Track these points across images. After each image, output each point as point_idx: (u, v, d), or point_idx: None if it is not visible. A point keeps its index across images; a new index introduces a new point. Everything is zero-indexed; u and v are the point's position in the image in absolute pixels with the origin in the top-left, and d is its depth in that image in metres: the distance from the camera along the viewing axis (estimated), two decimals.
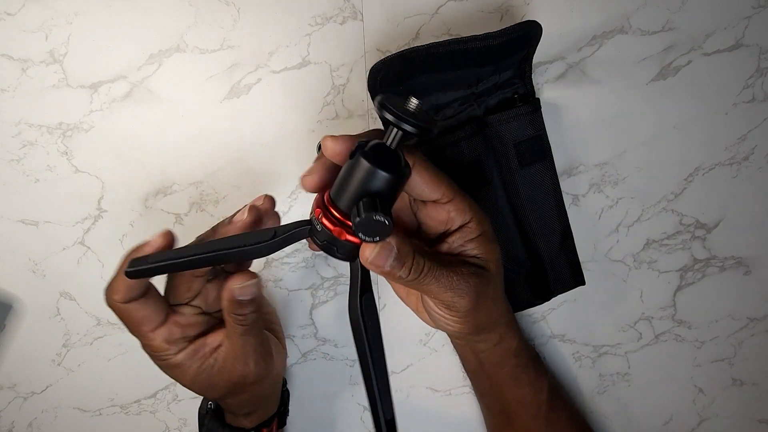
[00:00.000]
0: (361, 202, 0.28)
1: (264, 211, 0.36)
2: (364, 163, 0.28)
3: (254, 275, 0.34)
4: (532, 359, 0.43)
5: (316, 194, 0.32)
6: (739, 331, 0.49)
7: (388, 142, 0.29)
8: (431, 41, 0.38)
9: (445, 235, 0.34)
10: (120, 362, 0.50)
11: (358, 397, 0.51)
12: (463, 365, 0.48)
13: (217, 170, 0.46)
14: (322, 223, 0.30)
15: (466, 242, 0.34)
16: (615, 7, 0.44)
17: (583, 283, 0.46)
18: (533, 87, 0.43)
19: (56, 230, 0.47)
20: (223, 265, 0.38)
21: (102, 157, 0.46)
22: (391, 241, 0.30)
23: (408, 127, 0.27)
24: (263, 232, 0.31)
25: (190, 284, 0.35)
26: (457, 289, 0.32)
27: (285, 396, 0.46)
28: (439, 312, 0.35)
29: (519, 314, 0.49)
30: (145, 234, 0.47)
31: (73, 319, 0.49)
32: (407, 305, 0.40)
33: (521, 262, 0.45)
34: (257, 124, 0.46)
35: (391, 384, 0.50)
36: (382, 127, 0.44)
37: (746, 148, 0.46)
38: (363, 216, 0.27)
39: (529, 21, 0.38)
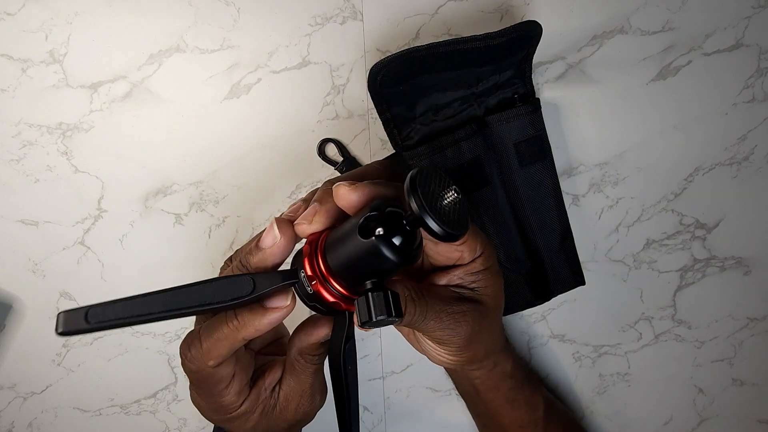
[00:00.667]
0: (371, 295, 0.25)
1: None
2: (380, 250, 0.25)
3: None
4: (526, 378, 0.43)
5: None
6: (739, 331, 0.49)
7: (406, 224, 0.26)
8: (431, 41, 0.38)
9: (449, 267, 0.33)
10: (120, 362, 0.50)
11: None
12: (457, 388, 0.48)
13: (217, 170, 0.46)
14: (316, 291, 0.27)
15: (467, 275, 0.32)
16: (615, 7, 0.44)
17: (583, 283, 0.46)
18: (533, 87, 0.43)
19: (56, 230, 0.47)
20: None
21: (102, 157, 0.46)
22: None
23: (435, 227, 0.23)
24: (238, 284, 0.27)
25: (263, 336, 0.34)
26: (448, 329, 0.31)
27: None
28: (433, 347, 0.34)
29: (519, 314, 0.49)
30: (145, 234, 0.47)
31: None
32: (398, 330, 0.38)
33: (521, 262, 0.45)
34: (257, 124, 0.46)
35: (391, 384, 0.51)
36: (387, 137, 0.44)
37: (746, 148, 0.46)
38: (375, 318, 0.25)
39: (529, 21, 0.38)
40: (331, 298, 0.27)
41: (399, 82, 0.40)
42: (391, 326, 0.34)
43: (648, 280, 0.48)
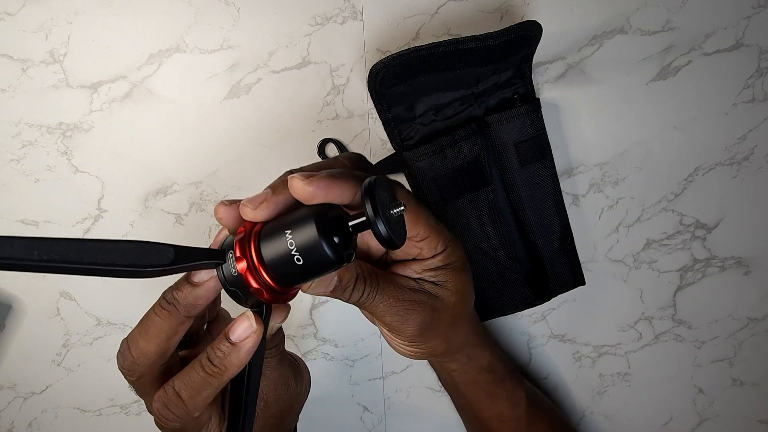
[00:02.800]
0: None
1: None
2: (321, 244, 0.25)
3: (259, 320, 0.29)
4: (508, 373, 0.43)
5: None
6: (739, 331, 0.49)
7: (351, 225, 0.26)
8: (431, 41, 0.38)
9: (409, 260, 0.33)
10: None
11: (358, 397, 0.51)
12: (440, 381, 0.48)
13: (217, 170, 0.46)
14: (241, 275, 0.26)
15: (425, 270, 0.33)
16: (615, 7, 0.43)
17: (583, 283, 0.46)
18: (533, 87, 0.43)
19: (56, 230, 0.47)
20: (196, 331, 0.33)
21: (102, 157, 0.46)
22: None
23: (381, 231, 0.25)
24: (158, 251, 0.25)
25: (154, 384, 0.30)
26: (397, 315, 0.31)
27: None
28: (388, 335, 0.34)
29: (519, 314, 0.49)
30: (145, 234, 0.47)
31: (73, 319, 0.49)
32: (364, 316, 0.38)
33: (521, 262, 0.45)
34: (257, 124, 0.46)
35: (391, 384, 0.51)
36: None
37: (746, 148, 0.46)
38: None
39: (529, 21, 0.38)
40: (255, 285, 0.26)
41: (399, 82, 0.40)
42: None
43: (648, 280, 0.48)
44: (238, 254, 0.26)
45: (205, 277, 0.28)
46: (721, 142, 0.46)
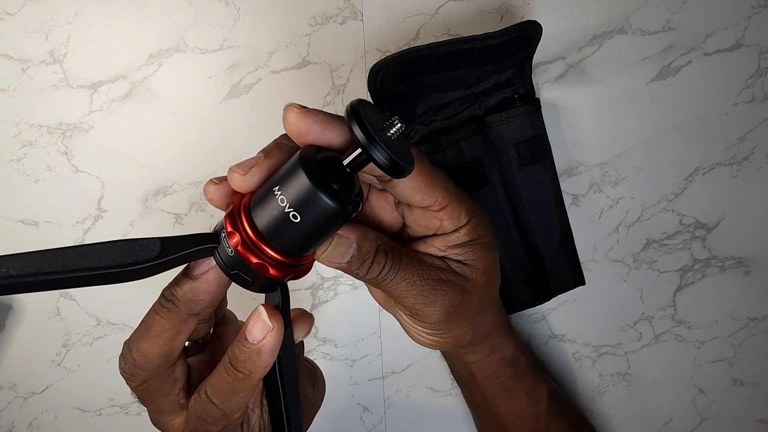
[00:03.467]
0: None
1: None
2: (318, 194, 0.21)
3: (275, 313, 0.26)
4: (531, 367, 0.40)
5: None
6: (740, 331, 0.49)
7: (345, 162, 0.23)
8: (431, 41, 0.38)
9: (429, 236, 0.30)
10: None
11: (358, 397, 0.51)
12: (452, 374, 0.45)
13: (217, 170, 0.46)
14: (238, 252, 0.23)
15: (449, 248, 0.29)
16: (615, 7, 0.43)
17: (583, 283, 0.46)
18: (533, 87, 0.43)
19: (56, 230, 0.47)
20: (205, 334, 0.31)
21: (102, 157, 0.46)
22: (351, 236, 0.25)
23: (379, 155, 0.21)
24: (141, 247, 0.22)
25: (168, 386, 0.28)
26: (421, 296, 0.27)
27: None
28: (407, 321, 0.30)
29: (519, 314, 0.49)
30: (145, 234, 0.47)
31: (73, 319, 0.49)
32: (377, 301, 0.35)
33: (521, 262, 0.45)
34: (257, 124, 0.46)
35: (391, 384, 0.51)
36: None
37: (746, 148, 0.46)
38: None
39: (529, 21, 0.38)
40: (255, 259, 0.23)
41: (399, 82, 0.40)
42: (395, 324, 0.33)
43: (648, 280, 0.48)
44: (229, 229, 0.23)
45: (204, 268, 0.25)
46: (721, 142, 0.46)
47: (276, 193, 0.22)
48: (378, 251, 0.27)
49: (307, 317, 0.29)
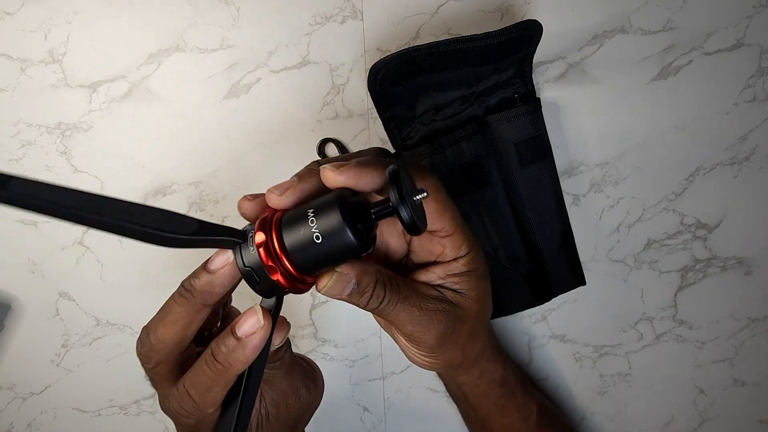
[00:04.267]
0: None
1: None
2: (344, 229, 0.25)
3: (267, 315, 0.28)
4: (520, 385, 0.42)
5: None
6: (740, 331, 0.49)
7: (373, 211, 0.27)
8: (431, 41, 0.38)
9: (431, 263, 0.32)
10: (119, 363, 0.50)
11: (358, 397, 0.51)
12: (447, 391, 0.48)
13: (217, 170, 0.46)
14: (258, 252, 0.26)
15: (448, 276, 0.32)
16: (615, 6, 0.43)
17: (583, 283, 0.46)
18: (534, 86, 0.43)
19: (55, 230, 0.47)
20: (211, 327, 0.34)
21: (101, 157, 0.46)
22: (350, 272, 0.28)
23: (405, 215, 0.25)
24: (182, 222, 0.25)
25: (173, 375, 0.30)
26: (419, 324, 0.30)
27: None
28: (405, 344, 0.33)
29: (519, 314, 0.49)
30: None
31: (72, 319, 0.49)
32: (378, 322, 0.37)
33: (521, 262, 0.45)
34: (257, 124, 0.46)
35: (391, 384, 0.51)
36: (379, 134, 0.44)
37: (747, 148, 0.46)
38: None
39: (529, 20, 0.38)
40: (270, 262, 0.26)
41: (399, 81, 0.40)
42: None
43: (649, 280, 0.48)
44: (258, 231, 0.26)
45: (221, 264, 0.28)
46: (722, 142, 0.46)
47: (309, 215, 0.26)
48: (377, 285, 0.29)
49: (285, 325, 0.31)
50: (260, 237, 0.26)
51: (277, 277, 0.26)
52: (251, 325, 0.27)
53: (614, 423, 0.51)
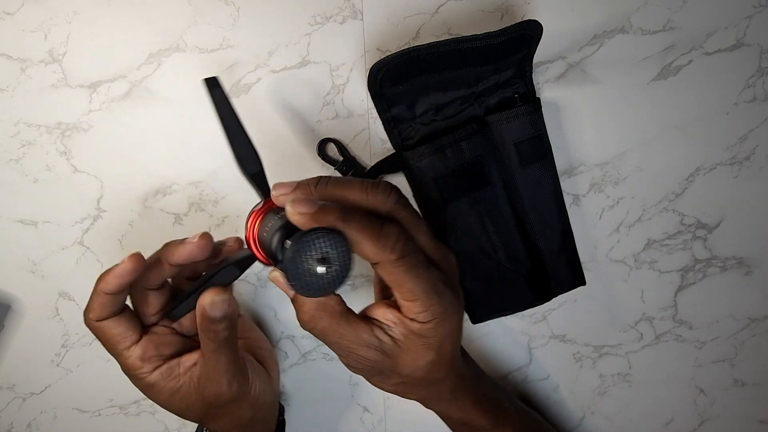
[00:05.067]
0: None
1: (225, 251, 0.37)
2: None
3: (226, 291, 0.34)
4: (489, 416, 0.41)
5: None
6: (741, 331, 0.49)
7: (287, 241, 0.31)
8: (431, 41, 0.38)
9: (393, 304, 0.34)
10: None
11: (358, 397, 0.51)
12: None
13: (216, 170, 0.46)
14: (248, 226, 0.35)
15: (396, 326, 0.34)
16: (615, 6, 0.43)
17: (583, 283, 0.46)
18: (534, 86, 0.43)
19: (55, 230, 0.47)
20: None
21: (101, 157, 0.46)
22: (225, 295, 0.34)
23: (282, 267, 0.30)
24: (251, 159, 0.35)
25: (147, 301, 0.36)
26: (342, 357, 0.35)
27: (280, 426, 0.46)
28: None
29: (519, 314, 0.49)
30: (145, 234, 0.47)
31: (72, 319, 0.49)
32: None
33: (521, 262, 0.45)
34: (256, 124, 0.46)
35: None
36: (380, 132, 0.44)
37: (747, 148, 0.46)
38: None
39: (529, 20, 0.38)
40: (250, 236, 0.34)
41: (399, 81, 0.40)
42: None
43: (649, 280, 0.48)
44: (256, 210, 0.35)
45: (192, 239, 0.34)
46: (722, 142, 0.46)
47: (267, 228, 0.34)
48: (314, 330, 0.35)
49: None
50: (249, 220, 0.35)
51: (250, 247, 0.34)
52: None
53: (614, 423, 0.51)
